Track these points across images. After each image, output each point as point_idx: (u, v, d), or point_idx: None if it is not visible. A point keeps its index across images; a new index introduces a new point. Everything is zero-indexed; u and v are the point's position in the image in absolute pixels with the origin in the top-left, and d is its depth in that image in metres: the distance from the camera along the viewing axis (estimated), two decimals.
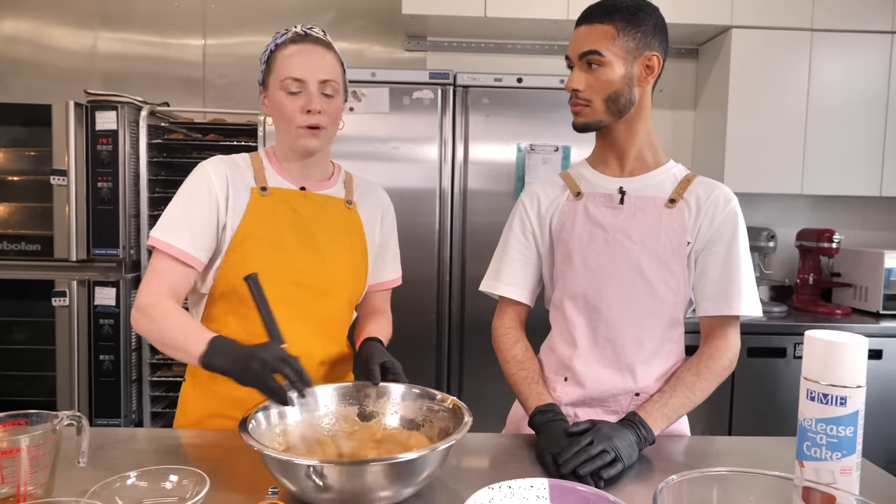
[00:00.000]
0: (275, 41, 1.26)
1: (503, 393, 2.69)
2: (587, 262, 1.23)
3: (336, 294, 1.31)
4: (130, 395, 2.77)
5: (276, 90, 1.23)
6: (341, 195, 1.35)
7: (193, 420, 1.29)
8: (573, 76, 1.20)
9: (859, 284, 3.12)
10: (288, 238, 1.25)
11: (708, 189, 1.24)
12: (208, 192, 1.21)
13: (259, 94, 1.30)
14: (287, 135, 1.26)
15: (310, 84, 1.22)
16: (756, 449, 1.21)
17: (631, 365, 1.21)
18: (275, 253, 1.23)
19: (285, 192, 1.28)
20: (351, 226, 1.34)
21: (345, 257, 1.31)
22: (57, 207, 2.64)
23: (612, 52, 1.16)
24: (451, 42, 3.33)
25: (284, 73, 1.22)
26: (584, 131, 1.24)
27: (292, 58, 1.22)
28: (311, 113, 1.22)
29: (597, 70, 1.17)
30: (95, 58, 3.25)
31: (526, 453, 1.15)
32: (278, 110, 1.24)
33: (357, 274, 1.35)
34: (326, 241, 1.29)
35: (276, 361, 1.01)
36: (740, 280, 1.19)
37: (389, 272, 1.45)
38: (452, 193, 2.66)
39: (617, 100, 1.18)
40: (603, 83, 1.17)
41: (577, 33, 1.20)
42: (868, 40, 3.04)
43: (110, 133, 2.63)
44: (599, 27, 1.16)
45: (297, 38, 1.25)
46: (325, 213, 1.30)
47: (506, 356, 1.31)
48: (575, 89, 1.19)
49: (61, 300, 2.64)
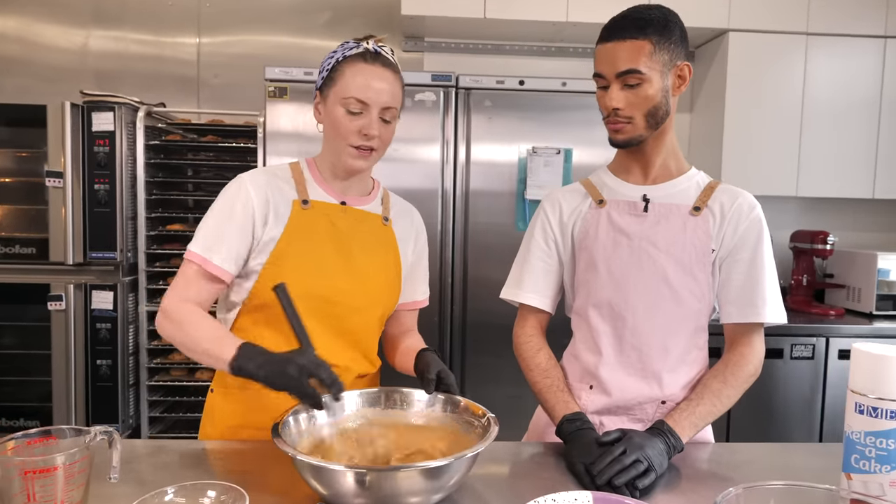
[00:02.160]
0: (343, 52, 1.23)
1: (507, 395, 2.72)
2: (612, 270, 1.23)
3: (369, 310, 1.31)
4: (128, 400, 2.73)
5: (335, 104, 1.21)
6: (379, 211, 1.35)
7: (221, 430, 1.27)
8: (612, 95, 1.17)
9: (852, 286, 3.17)
10: (326, 253, 1.24)
11: (732, 196, 1.24)
12: (244, 208, 1.21)
13: (313, 98, 1.28)
14: (336, 149, 1.24)
15: (372, 109, 1.20)
16: (784, 457, 1.22)
17: (657, 373, 1.22)
18: (313, 268, 1.23)
19: (326, 206, 1.27)
20: (387, 242, 1.34)
21: (379, 274, 1.31)
22: (52, 210, 2.59)
23: (650, 67, 1.15)
24: (450, 43, 3.32)
25: (349, 91, 1.19)
26: (625, 147, 1.23)
27: (359, 77, 1.20)
28: (367, 136, 1.21)
29: (636, 87, 1.16)
30: (87, 56, 3.19)
31: (553, 462, 1.15)
32: (334, 125, 1.22)
33: (391, 290, 1.35)
34: (363, 256, 1.28)
35: (312, 365, 1.01)
36: (765, 287, 1.20)
37: (420, 292, 1.45)
38: (455, 194, 2.65)
39: (656, 113, 1.18)
40: (643, 99, 1.17)
41: (609, 49, 1.17)
42: (861, 44, 3.08)
43: (107, 134, 2.58)
44: (634, 43, 1.15)
45: (367, 56, 1.22)
46: (363, 229, 1.30)
47: (529, 364, 1.31)
48: (616, 108, 1.18)
49: (57, 304, 2.59)
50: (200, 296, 1.19)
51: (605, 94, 1.20)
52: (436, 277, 2.66)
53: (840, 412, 2.87)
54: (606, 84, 1.19)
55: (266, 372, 1.02)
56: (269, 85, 2.55)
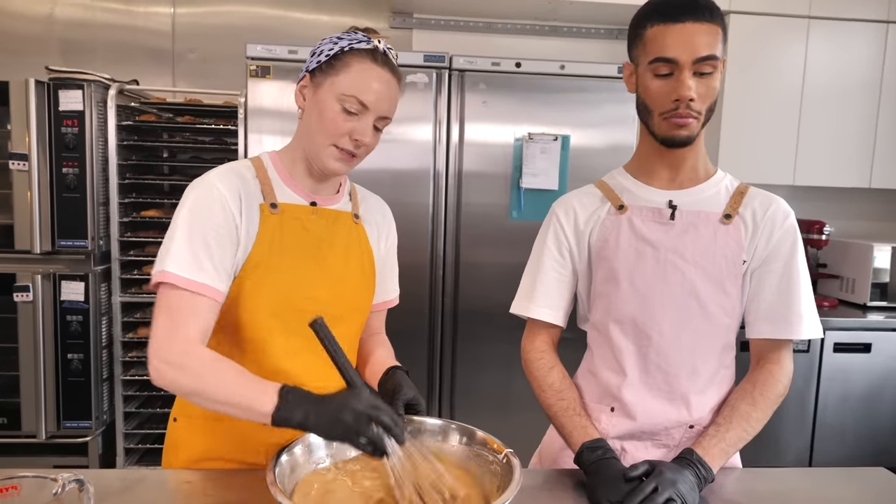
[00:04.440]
0: (349, 42, 1.09)
1: (496, 387, 2.65)
2: (635, 284, 1.13)
3: (350, 318, 1.19)
4: (101, 396, 2.59)
5: (330, 97, 1.07)
6: (349, 209, 1.22)
7: (186, 464, 1.14)
8: (688, 84, 1.03)
9: (846, 276, 3.13)
10: (301, 261, 1.11)
11: (765, 203, 1.15)
12: (223, 210, 1.04)
13: (298, 78, 1.13)
14: (316, 145, 1.10)
15: (370, 114, 1.09)
16: (818, 484, 1.14)
17: (685, 395, 1.13)
18: (288, 279, 1.10)
19: (296, 208, 1.13)
20: (359, 242, 1.21)
21: (356, 278, 1.19)
22: (17, 195, 2.41)
23: (721, 55, 1.04)
24: (439, 20, 3.16)
25: (351, 88, 1.06)
26: (683, 146, 1.10)
27: (366, 77, 1.07)
28: (357, 142, 1.09)
29: (707, 77, 1.04)
30: (53, 25, 2.97)
31: (571, 495, 1.06)
32: (323, 119, 1.08)
33: (369, 294, 1.24)
34: (338, 261, 1.16)
35: (370, 409, 0.88)
36: (800, 301, 1.11)
37: (390, 291, 1.33)
38: (447, 174, 2.53)
39: (712, 110, 1.07)
40: (711, 91, 1.05)
41: (684, 31, 1.02)
42: (863, 29, 3.01)
43: (76, 114, 2.40)
44: (711, 26, 1.02)
45: (377, 56, 1.09)
46: (335, 231, 1.17)
47: (541, 384, 1.20)
48: (692, 99, 1.04)
49: (24, 295, 2.43)
50: (201, 325, 1.00)
51: (668, 82, 1.05)
52: (426, 262, 2.56)
53: (833, 405, 2.87)
54: (671, 71, 1.05)
55: (316, 421, 0.89)
56: (250, 63, 2.39)
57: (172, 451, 1.17)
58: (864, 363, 2.79)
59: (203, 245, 1.01)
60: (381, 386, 1.16)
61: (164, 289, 1.00)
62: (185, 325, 0.98)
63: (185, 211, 1.04)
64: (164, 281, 0.99)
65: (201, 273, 1.00)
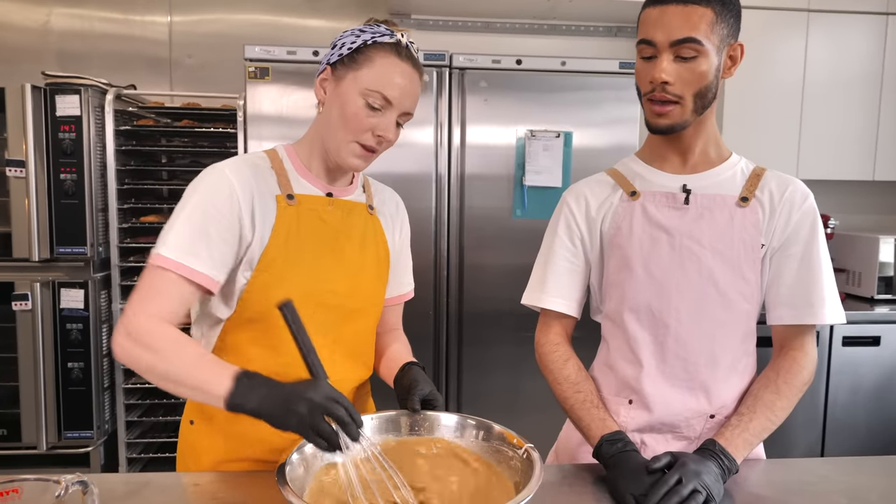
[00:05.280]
0: (372, 35, 1.06)
1: (504, 389, 2.61)
2: (651, 271, 1.10)
3: (366, 312, 1.16)
4: (103, 405, 2.56)
5: (353, 92, 1.04)
6: (363, 200, 1.19)
7: (207, 468, 1.11)
8: (662, 66, 1.02)
9: (853, 270, 3.11)
10: (319, 253, 1.09)
11: (782, 184, 1.12)
12: (230, 202, 1.01)
13: (318, 72, 1.10)
14: (337, 140, 1.07)
15: (395, 110, 1.06)
16: (847, 474, 1.10)
17: (705, 384, 1.10)
18: (307, 272, 1.07)
19: (313, 199, 1.10)
20: (375, 234, 1.19)
21: (373, 270, 1.17)
22: (14, 202, 2.38)
23: (709, 40, 1.01)
24: (438, 20, 3.15)
25: (377, 83, 1.03)
26: (667, 134, 1.08)
27: (392, 72, 1.04)
28: (379, 139, 1.06)
29: (691, 61, 1.02)
30: (49, 36, 2.95)
31: (591, 489, 1.03)
32: (345, 115, 1.05)
33: (384, 287, 1.22)
34: (355, 253, 1.13)
35: (326, 401, 0.85)
36: (822, 284, 1.08)
37: (405, 284, 1.31)
38: (449, 179, 2.51)
39: (705, 95, 1.05)
40: (697, 76, 1.03)
41: (663, 13, 1.02)
42: (863, 21, 3.00)
43: (73, 119, 2.38)
44: (697, 9, 1.01)
45: (401, 51, 1.06)
46: (351, 222, 1.14)
47: (557, 377, 1.17)
48: (665, 82, 1.02)
49: (23, 304, 2.40)
50: (175, 309, 0.97)
51: (649, 65, 1.05)
52: (430, 265, 2.53)
53: (844, 398, 2.83)
54: (653, 54, 1.04)
55: (270, 409, 0.86)
56: (249, 65, 2.36)
57: (191, 454, 1.13)
58: (873, 356, 2.76)
59: (202, 234, 0.99)
60: (397, 382, 1.13)
61: (154, 269, 0.98)
62: (156, 303, 0.96)
63: (192, 196, 1.01)
64: (157, 264, 0.97)
65: (196, 260, 0.97)
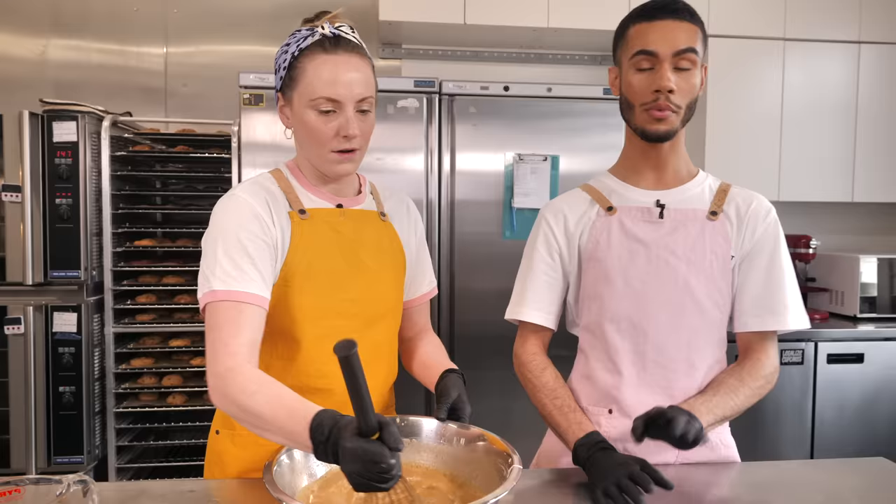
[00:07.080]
0: (297, 45, 1.06)
1: (495, 410, 2.63)
2: (629, 282, 1.15)
3: (385, 318, 1.19)
4: (94, 429, 2.55)
5: (303, 107, 1.05)
6: (374, 207, 1.22)
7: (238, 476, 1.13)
8: (668, 75, 1.07)
9: (835, 289, 3.17)
10: (335, 264, 1.11)
11: (746, 199, 1.19)
12: (257, 219, 1.04)
13: (276, 102, 1.14)
14: (316, 157, 1.10)
15: (347, 105, 1.05)
16: (819, 475, 1.14)
17: (685, 390, 1.14)
18: (326, 284, 1.10)
19: (324, 212, 1.13)
20: (391, 241, 1.21)
21: (390, 276, 1.19)
22: (10, 226, 2.42)
23: (699, 54, 1.09)
24: (428, 50, 3.24)
25: (315, 90, 1.03)
26: (663, 141, 1.14)
27: (323, 72, 1.03)
28: (347, 138, 1.06)
29: (687, 72, 1.09)
30: (46, 66, 3.01)
31: (572, 491, 1.06)
32: (307, 131, 1.07)
33: (402, 292, 1.25)
34: (371, 261, 1.16)
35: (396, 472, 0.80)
36: (785, 292, 1.14)
37: (427, 282, 1.32)
38: (440, 204, 2.56)
39: (692, 108, 1.12)
40: (691, 87, 1.10)
41: (665, 27, 1.07)
42: (837, 50, 3.11)
43: (69, 145, 2.43)
44: (690, 25, 1.08)
45: (326, 44, 1.05)
46: (364, 231, 1.17)
47: (535, 384, 1.21)
48: (671, 91, 1.08)
49: (15, 328, 2.42)
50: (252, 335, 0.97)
51: (649, 75, 1.10)
52: None
53: (830, 415, 2.87)
54: (652, 65, 1.09)
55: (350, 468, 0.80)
56: (243, 92, 2.43)
57: (217, 463, 1.15)
58: (857, 373, 2.81)
59: (244, 255, 1.00)
60: (436, 389, 1.15)
61: (210, 307, 0.98)
62: (235, 336, 0.96)
63: (219, 227, 1.03)
64: (213, 300, 0.98)
65: (246, 282, 0.99)
